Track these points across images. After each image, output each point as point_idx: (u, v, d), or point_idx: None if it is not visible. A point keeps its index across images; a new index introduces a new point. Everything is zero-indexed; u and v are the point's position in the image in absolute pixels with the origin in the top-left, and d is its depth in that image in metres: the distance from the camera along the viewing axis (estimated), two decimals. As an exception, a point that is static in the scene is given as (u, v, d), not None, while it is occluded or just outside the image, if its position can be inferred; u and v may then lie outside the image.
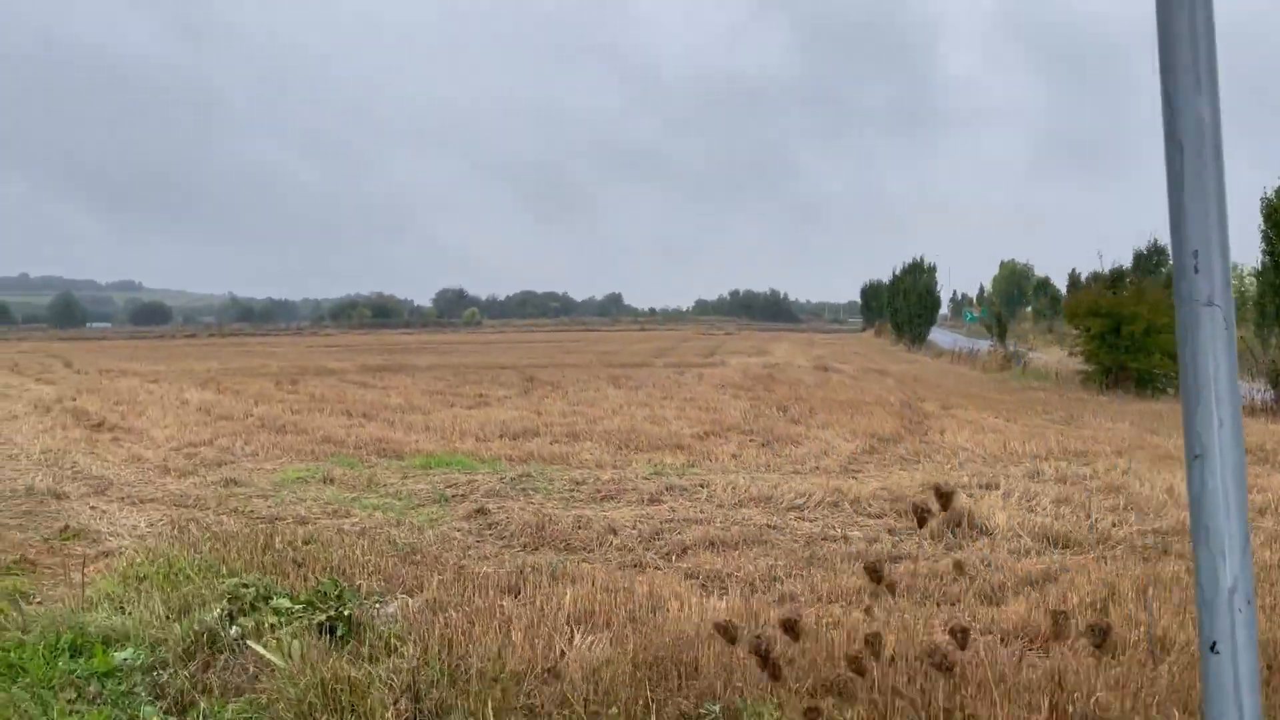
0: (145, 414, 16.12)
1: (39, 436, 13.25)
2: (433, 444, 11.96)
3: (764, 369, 27.64)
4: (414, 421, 14.31)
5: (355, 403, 17.47)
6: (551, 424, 13.57)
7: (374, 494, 8.89)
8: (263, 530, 6.79)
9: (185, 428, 14.09)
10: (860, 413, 15.31)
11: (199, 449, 12.35)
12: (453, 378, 23.83)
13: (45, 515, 8.13)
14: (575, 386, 20.92)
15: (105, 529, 7.49)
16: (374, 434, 12.74)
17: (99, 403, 17.91)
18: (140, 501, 8.62)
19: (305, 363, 31.37)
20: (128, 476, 10.09)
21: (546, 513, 7.53)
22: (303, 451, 11.74)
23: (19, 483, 9.66)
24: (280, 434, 13.33)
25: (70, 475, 10.22)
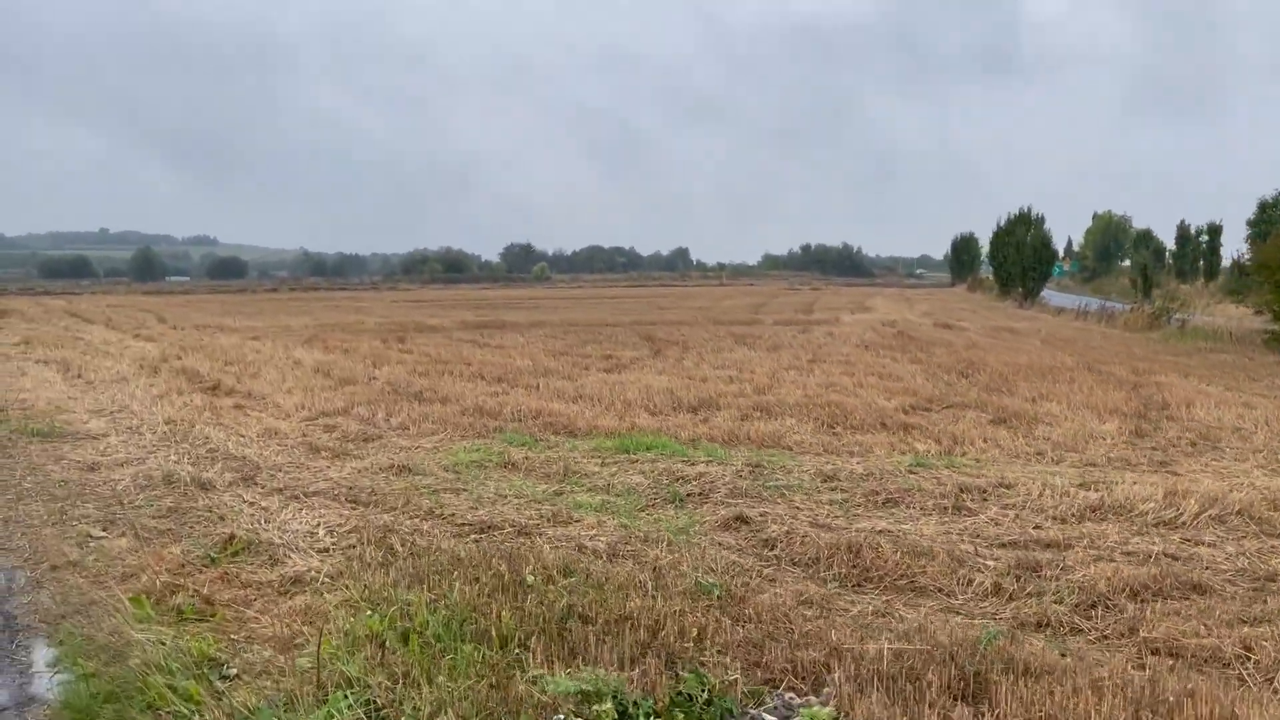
0: (260, 376, 14.68)
1: (156, 403, 11.82)
2: (603, 417, 10.24)
3: (886, 326, 25.52)
4: (562, 389, 12.61)
5: (480, 364, 15.86)
6: (720, 393, 11.75)
7: (579, 487, 7.18)
8: (493, 551, 5.10)
9: (311, 393, 12.57)
10: (1061, 380, 13.25)
11: (335, 419, 10.80)
12: (566, 336, 22.15)
13: (196, 515, 6.56)
14: (704, 347, 19.09)
15: (277, 538, 5.88)
16: (530, 405, 11.05)
17: (207, 362, 16.56)
18: (304, 496, 7.01)
19: (400, 318, 29.99)
20: (273, 457, 8.52)
21: (835, 526, 5.73)
22: (457, 425, 10.10)
23: (152, 465, 8.15)
24: (420, 402, 11.74)
25: (206, 455, 8.69)
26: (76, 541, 5.92)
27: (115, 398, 12.45)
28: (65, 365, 16.41)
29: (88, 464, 8.32)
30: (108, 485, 7.52)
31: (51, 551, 5.71)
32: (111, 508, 6.76)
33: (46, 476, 7.79)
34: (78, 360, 17.06)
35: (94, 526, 6.26)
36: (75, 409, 11.65)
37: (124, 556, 5.59)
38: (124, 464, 8.38)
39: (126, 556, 5.59)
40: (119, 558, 5.57)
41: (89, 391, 13.23)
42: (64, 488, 7.40)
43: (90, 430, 10.12)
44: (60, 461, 8.45)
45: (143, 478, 7.70)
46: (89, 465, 8.27)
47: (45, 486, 7.42)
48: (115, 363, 16.95)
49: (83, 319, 30.68)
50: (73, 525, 6.30)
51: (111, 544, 5.82)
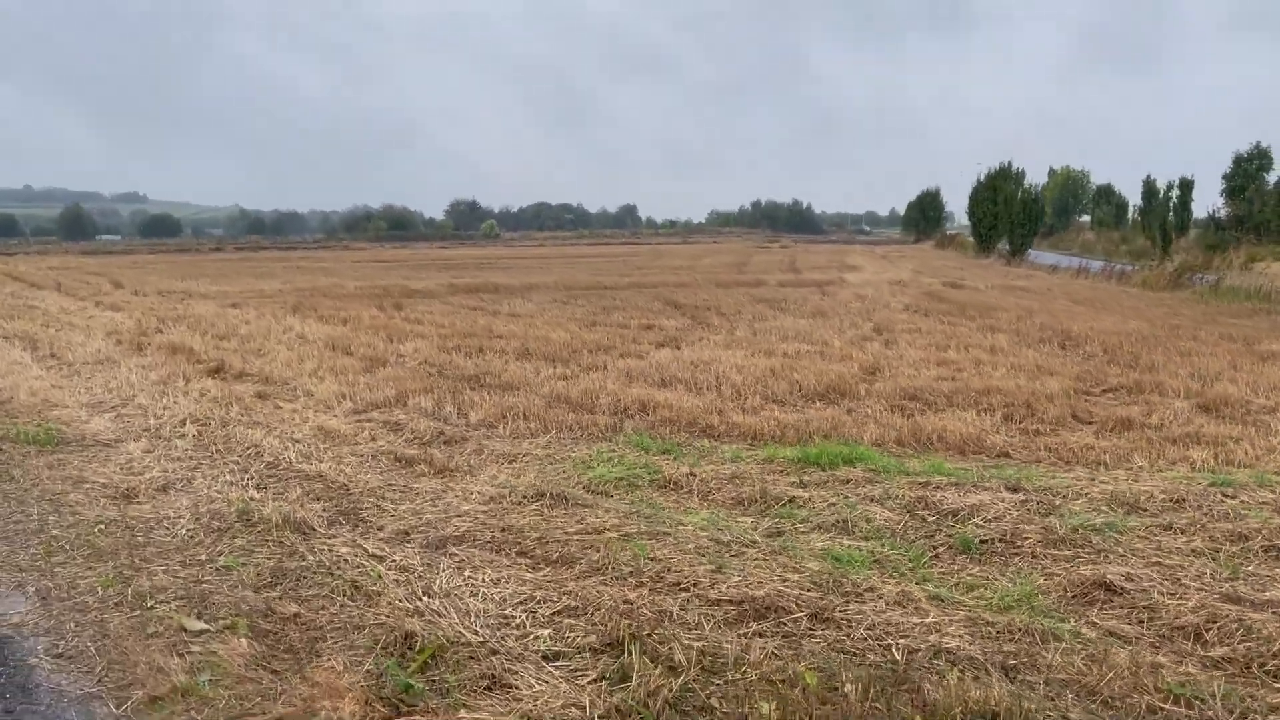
0: (268, 354, 12.58)
1: (164, 393, 9.73)
2: (729, 411, 8.46)
3: (896, 285, 24.03)
4: (636, 370, 10.77)
5: (511, 337, 13.92)
6: (835, 375, 10.02)
7: (797, 523, 5.42)
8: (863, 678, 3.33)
9: (343, 377, 10.57)
10: (1179, 352, 11.79)
11: (394, 414, 8.87)
12: (576, 302, 20.24)
13: (317, 583, 4.66)
14: (738, 314, 17.36)
15: (470, 633, 4.03)
16: (620, 393, 9.21)
17: (196, 337, 14.36)
18: (448, 546, 5.14)
19: (379, 281, 27.68)
20: (357, 475, 6.60)
21: (1245, 597, 4.06)
22: (552, 422, 8.25)
23: (208, 491, 6.18)
24: (483, 389, 9.83)
25: (268, 473, 6.74)
26: (167, 642, 4.00)
27: (110, 386, 10.30)
28: (32, 342, 14.08)
29: (120, 490, 6.31)
30: (164, 527, 5.55)
31: (138, 664, 3.79)
32: (190, 571, 4.82)
33: (75, 514, 5.78)
34: (44, 335, 14.71)
35: (181, 609, 4.33)
36: (66, 402, 9.51)
37: (255, 674, 3.70)
38: (167, 488, 6.39)
39: (259, 674, 3.69)
40: (248, 677, 3.67)
41: (73, 377, 11.04)
42: (107, 534, 5.42)
43: (98, 434, 8.05)
44: (81, 487, 6.42)
45: (207, 513, 5.74)
46: (123, 492, 6.26)
47: (81, 533, 5.43)
48: (88, 338, 14.65)
49: (28, 283, 27.80)
50: (149, 608, 4.36)
51: (223, 648, 3.91)
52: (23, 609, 4.40)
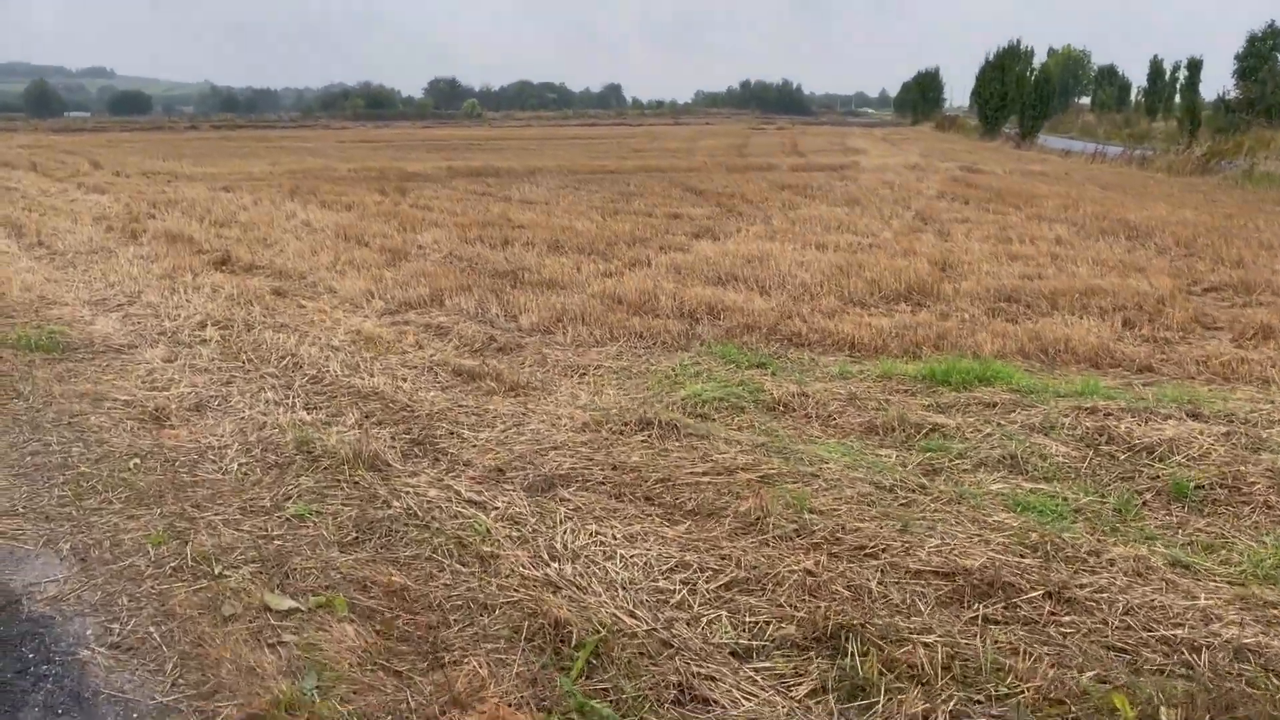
0: (276, 244, 11.53)
1: (172, 289, 8.75)
2: (811, 315, 7.59)
3: (911, 170, 22.90)
4: (685, 266, 9.84)
5: (534, 227, 12.88)
6: (909, 272, 9.13)
7: (952, 459, 4.61)
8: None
9: (365, 272, 9.60)
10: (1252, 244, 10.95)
11: (433, 315, 7.99)
12: (586, 188, 19.07)
13: (411, 535, 3.84)
14: (766, 202, 16.31)
15: (615, 607, 3.23)
16: (679, 292, 8.31)
17: (193, 224, 13.23)
18: (555, 490, 4.31)
19: (371, 163, 26.19)
20: (418, 393, 5.73)
21: None
22: (606, 325, 7.39)
23: (250, 412, 5.30)
24: (527, 288, 8.90)
25: (312, 387, 5.86)
26: (250, 627, 3.18)
27: (111, 280, 9.28)
28: (16, 228, 12.91)
29: (147, 410, 5.42)
30: (210, 461, 4.68)
31: (221, 662, 2.97)
32: (255, 523, 3.97)
33: (102, 443, 4.89)
34: (28, 221, 13.52)
35: (258, 579, 3.49)
36: (65, 299, 8.51)
37: (374, 678, 2.89)
38: (201, 408, 5.50)
39: (379, 678, 2.89)
40: (366, 683, 2.86)
41: (68, 269, 9.98)
42: (145, 470, 4.54)
43: (107, 338, 7.10)
44: (102, 406, 5.52)
45: (257, 443, 4.87)
46: (151, 414, 5.37)
47: (114, 468, 4.56)
48: (76, 224, 13.48)
49: (1, 163, 26.11)
50: (217, 576, 3.52)
51: (325, 638, 3.09)
52: (59, 575, 3.56)
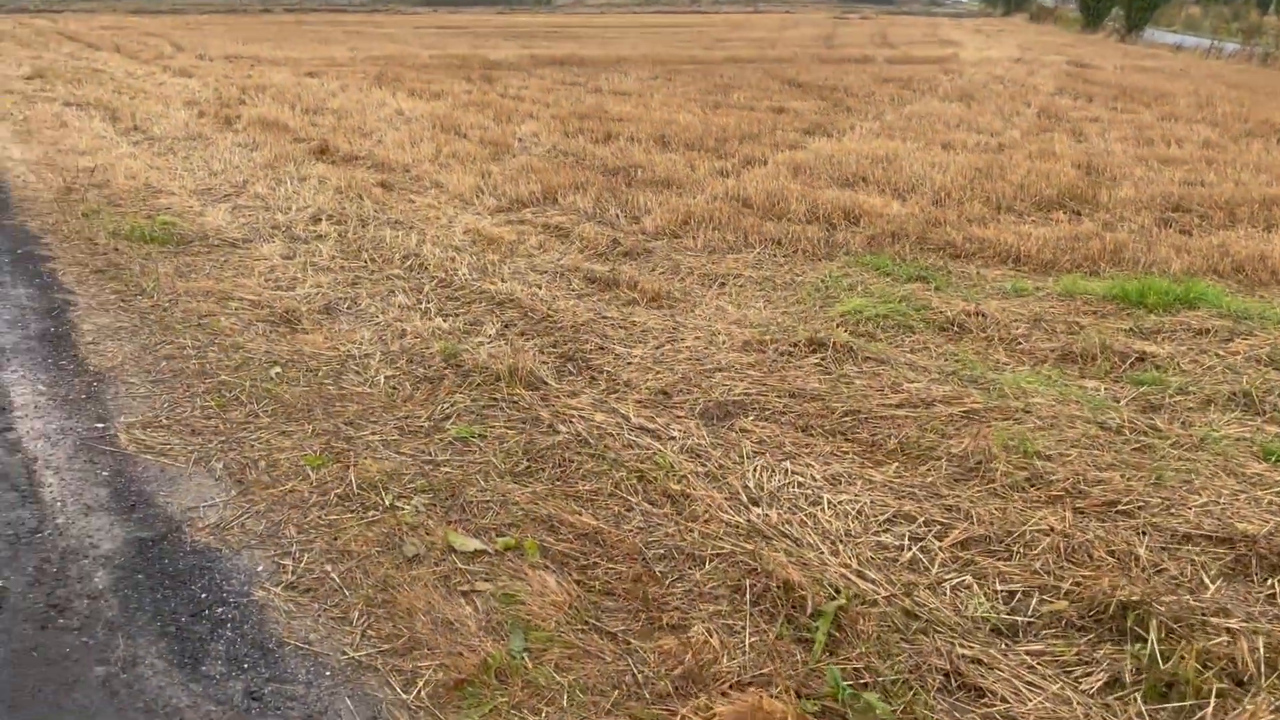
0: (373, 135, 11.08)
1: (278, 179, 8.40)
2: (963, 223, 6.96)
3: (1020, 64, 21.44)
4: (812, 165, 9.17)
5: (633, 120, 12.22)
6: (1053, 175, 8.36)
7: (1174, 393, 4.07)
8: None
9: (470, 166, 9.13)
10: None
11: (548, 214, 7.54)
12: (679, 79, 18.15)
13: (588, 466, 3.49)
14: (872, 97, 15.33)
15: (840, 566, 2.83)
16: (818, 197, 7.70)
17: (286, 110, 12.81)
18: (731, 413, 3.90)
19: (454, 50, 25.39)
20: (554, 300, 5.31)
21: None
22: (738, 230, 6.85)
23: (395, 322, 4.96)
24: (640, 186, 8.36)
25: (441, 291, 5.49)
26: (436, 572, 2.85)
27: (214, 168, 8.95)
28: (111, 112, 12.62)
29: (277, 312, 5.09)
30: (354, 371, 4.34)
31: (414, 612, 2.65)
32: (416, 446, 3.63)
33: (238, 348, 4.58)
34: (121, 105, 13.22)
35: (436, 514, 3.16)
36: (171, 187, 8.20)
37: (586, 639, 2.55)
38: (331, 311, 5.17)
39: (592, 640, 2.54)
40: (579, 646, 2.52)
41: (167, 155, 9.67)
42: (288, 380, 4.23)
43: (221, 231, 6.78)
44: (228, 305, 5.21)
45: (400, 353, 4.52)
46: (282, 316, 5.04)
47: (255, 377, 4.25)
48: (167, 108, 13.15)
49: (84, 43, 25.86)
50: (389, 508, 3.19)
51: (523, 588, 2.76)
52: (217, 499, 3.26)
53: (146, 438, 3.66)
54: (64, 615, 2.59)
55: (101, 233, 6.53)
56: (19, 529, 2.98)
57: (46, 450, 3.51)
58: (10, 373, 4.18)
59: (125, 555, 2.89)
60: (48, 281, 5.52)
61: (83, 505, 3.16)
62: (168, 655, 2.48)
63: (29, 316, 4.90)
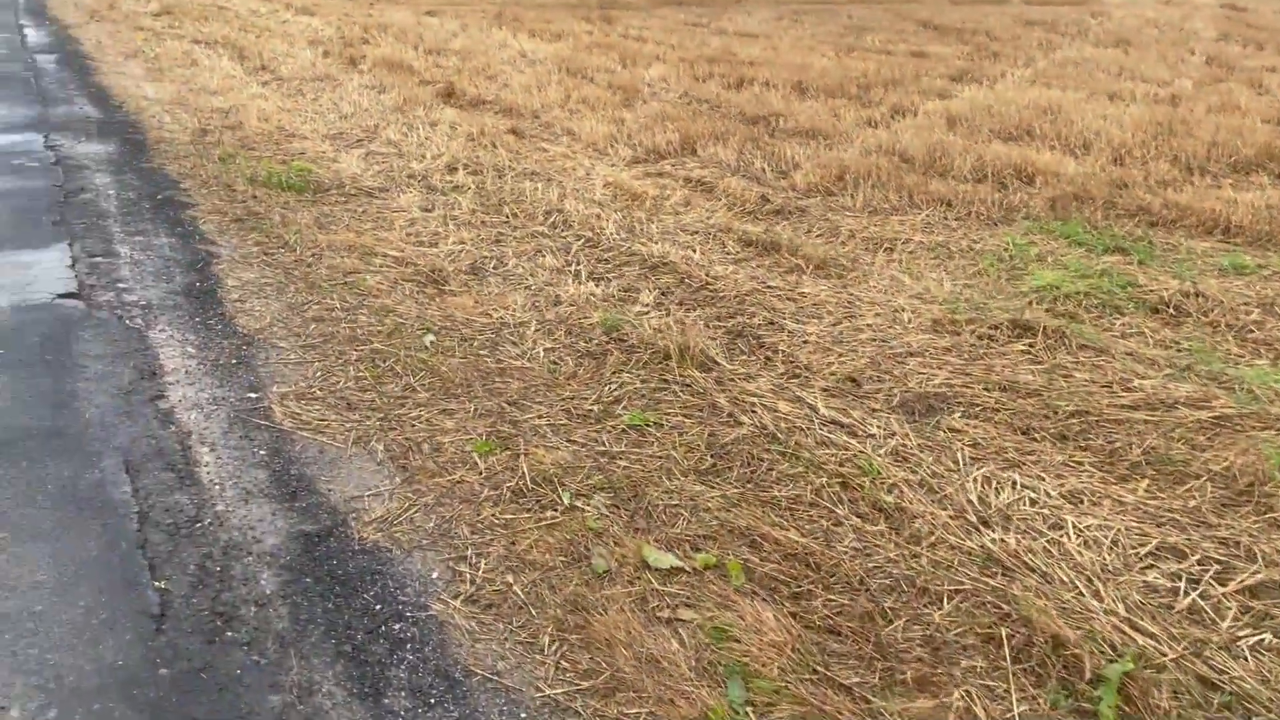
0: (498, 78, 10.71)
1: (409, 123, 8.12)
2: (1153, 186, 6.24)
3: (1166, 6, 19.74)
4: (968, 116, 8.45)
5: (763, 65, 11.55)
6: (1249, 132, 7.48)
7: None
8: None
9: (601, 113, 8.69)
10: None
11: (689, 166, 7.08)
12: (810, 20, 17.27)
13: (780, 468, 3.10)
14: (1018, 42, 14.25)
15: (1115, 623, 2.37)
16: (983, 151, 7.03)
17: (408, 51, 12.52)
18: (933, 407, 3.43)
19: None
20: (726, 273, 4.88)
21: None
22: (900, 188, 6.25)
23: (546, 286, 4.62)
24: (783, 137, 7.80)
25: (589, 250, 5.11)
26: (630, 592, 2.52)
27: (343, 111, 8.72)
28: (238, 51, 12.54)
29: (422, 270, 4.79)
30: (510, 341, 4.01)
31: (614, 643, 2.31)
32: (587, 434, 3.28)
33: (388, 311, 4.30)
34: (247, 44, 13.14)
35: (621, 521, 2.81)
36: (303, 130, 7.99)
37: (820, 694, 2.16)
38: (478, 271, 4.84)
39: (826, 695, 2.15)
40: (813, 705, 2.12)
41: (296, 97, 9.48)
42: (443, 350, 3.92)
43: (356, 179, 6.52)
44: (372, 262, 4.93)
45: (557, 322, 4.17)
46: (428, 274, 4.74)
47: (408, 345, 3.95)
48: (292, 47, 13.01)
49: (209, -19, 26.06)
50: (570, 509, 2.86)
51: (735, 621, 2.40)
52: (381, 487, 2.96)
53: (301, 411, 3.39)
54: (231, 626, 2.33)
55: (239, 179, 6.34)
56: (178, 517, 2.73)
57: (200, 423, 3.28)
58: (159, 332, 3.97)
59: (291, 553, 2.62)
60: (189, 230, 5.34)
61: (241, 490, 2.90)
62: (346, 682, 2.19)
63: (174, 269, 4.71)
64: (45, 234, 5.11)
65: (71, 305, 4.16)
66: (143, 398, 3.40)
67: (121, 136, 7.53)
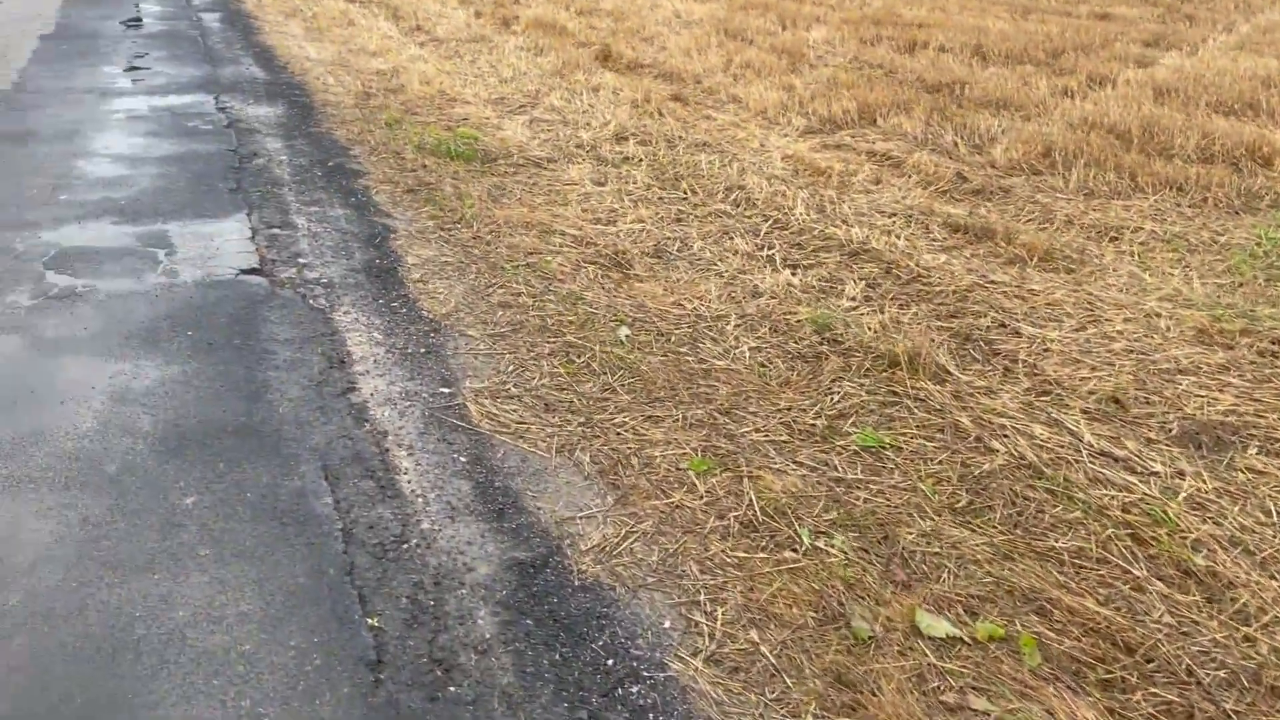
0: (653, 39, 10.28)
1: (570, 91, 7.80)
2: None
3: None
4: (1177, 86, 7.59)
5: (937, 27, 10.75)
6: None
7: None
8: None
9: (768, 79, 8.16)
10: None
11: (870, 138, 6.52)
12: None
13: (1050, 510, 2.61)
14: (1213, 3, 12.91)
15: None
16: (1204, 128, 6.23)
17: (561, 13, 12.17)
18: (1222, 439, 2.87)
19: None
20: (936, 262, 4.38)
21: None
22: (1123, 167, 5.57)
23: (739, 273, 4.21)
24: (969, 108, 7.13)
25: (792, 243, 4.64)
26: (910, 671, 2.10)
27: (503, 75, 8.45)
28: (393, 10, 12.45)
29: (604, 251, 4.45)
30: (711, 338, 3.63)
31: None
32: (813, 455, 2.88)
33: (574, 297, 3.97)
34: (400, 2, 13.04)
35: (875, 570, 2.40)
36: (464, 94, 7.75)
37: None
38: (660, 254, 4.47)
39: None
40: None
41: (454, 59, 9.27)
42: (641, 347, 3.57)
43: (523, 149, 6.22)
44: (551, 241, 4.61)
45: (760, 317, 3.76)
46: (611, 257, 4.39)
47: (599, 337, 3.62)
48: (444, 6, 12.84)
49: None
50: (813, 549, 2.47)
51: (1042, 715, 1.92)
52: (593, 506, 2.64)
53: (498, 411, 3.10)
54: (453, 679, 2.04)
55: (407, 146, 6.13)
56: (384, 536, 2.47)
57: (395, 422, 3.02)
58: (343, 314, 3.75)
59: (506, 586, 2.32)
60: (362, 201, 5.14)
61: (446, 504, 2.62)
62: (588, 763, 1.86)
63: (351, 244, 4.50)
64: (224, 202, 4.98)
65: (256, 282, 3.98)
66: (334, 390, 3.17)
67: (288, 99, 7.45)
